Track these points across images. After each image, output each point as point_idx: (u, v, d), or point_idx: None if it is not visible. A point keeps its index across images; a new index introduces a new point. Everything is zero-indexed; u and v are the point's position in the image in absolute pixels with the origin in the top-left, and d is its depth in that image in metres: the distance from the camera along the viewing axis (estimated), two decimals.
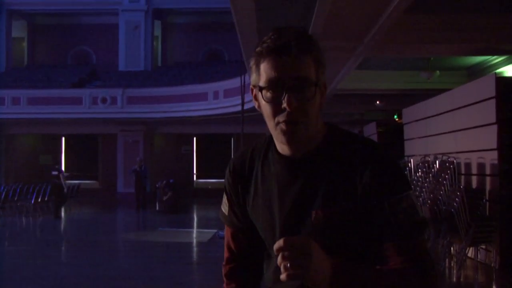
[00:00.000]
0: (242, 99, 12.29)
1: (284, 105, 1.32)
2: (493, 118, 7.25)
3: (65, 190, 16.65)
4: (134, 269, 8.27)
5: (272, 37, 1.36)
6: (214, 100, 20.14)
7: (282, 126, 1.35)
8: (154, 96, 21.24)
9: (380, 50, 9.35)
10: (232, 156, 1.68)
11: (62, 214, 16.77)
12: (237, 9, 7.79)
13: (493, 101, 7.24)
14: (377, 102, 15.87)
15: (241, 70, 12.50)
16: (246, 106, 12.38)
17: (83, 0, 25.42)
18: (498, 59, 11.71)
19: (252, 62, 1.40)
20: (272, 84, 1.34)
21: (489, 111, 7.36)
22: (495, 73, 9.56)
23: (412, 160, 9.91)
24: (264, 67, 1.36)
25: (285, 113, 1.33)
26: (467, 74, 12.94)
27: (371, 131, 15.04)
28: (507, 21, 8.51)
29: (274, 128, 1.38)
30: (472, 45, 9.49)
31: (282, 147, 1.45)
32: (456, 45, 9.53)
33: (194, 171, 25.65)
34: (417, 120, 10.74)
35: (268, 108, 1.37)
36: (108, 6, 25.76)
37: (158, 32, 27.37)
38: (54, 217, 15.60)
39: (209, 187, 24.29)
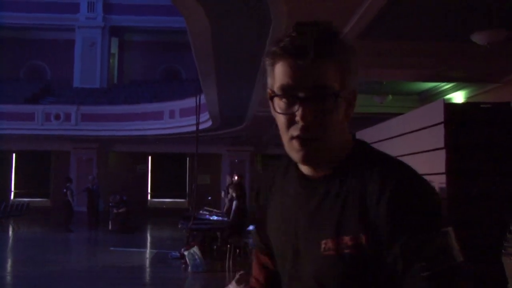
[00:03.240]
0: (197, 119, 12.26)
1: (298, 117, 1.14)
2: (441, 143, 7.39)
3: (73, 206, 18.27)
4: None
5: (291, 35, 1.16)
6: (170, 119, 20.04)
7: (295, 143, 1.16)
8: (109, 114, 21.01)
9: None
10: (253, 181, 1.40)
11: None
12: (193, 31, 7.82)
13: (441, 126, 7.41)
14: None
15: (197, 90, 12.50)
16: (201, 126, 12.36)
17: (39, 15, 25.02)
18: (447, 85, 12.03)
19: (267, 63, 1.20)
20: (285, 92, 1.15)
21: (437, 136, 7.50)
22: (444, 99, 9.81)
23: None
24: (277, 70, 1.17)
25: (299, 126, 1.14)
26: (419, 99, 13.24)
27: None
28: (456, 49, 8.76)
29: (288, 143, 1.18)
30: (422, 71, 9.74)
31: (301, 165, 1.26)
32: (407, 71, 9.76)
33: (149, 190, 25.39)
34: (370, 143, 10.87)
35: (281, 119, 1.18)
36: (65, 22, 25.45)
37: (115, 49, 27.18)
38: (66, 231, 16.93)
39: (164, 206, 24.08)
